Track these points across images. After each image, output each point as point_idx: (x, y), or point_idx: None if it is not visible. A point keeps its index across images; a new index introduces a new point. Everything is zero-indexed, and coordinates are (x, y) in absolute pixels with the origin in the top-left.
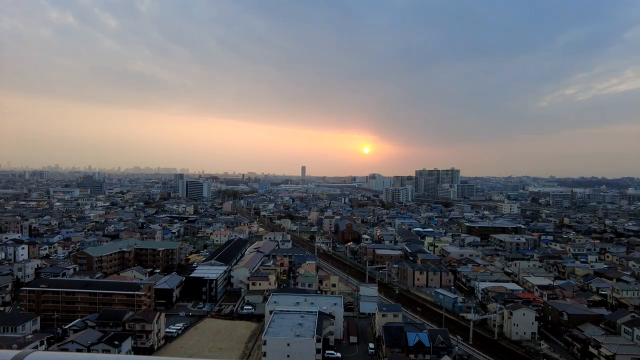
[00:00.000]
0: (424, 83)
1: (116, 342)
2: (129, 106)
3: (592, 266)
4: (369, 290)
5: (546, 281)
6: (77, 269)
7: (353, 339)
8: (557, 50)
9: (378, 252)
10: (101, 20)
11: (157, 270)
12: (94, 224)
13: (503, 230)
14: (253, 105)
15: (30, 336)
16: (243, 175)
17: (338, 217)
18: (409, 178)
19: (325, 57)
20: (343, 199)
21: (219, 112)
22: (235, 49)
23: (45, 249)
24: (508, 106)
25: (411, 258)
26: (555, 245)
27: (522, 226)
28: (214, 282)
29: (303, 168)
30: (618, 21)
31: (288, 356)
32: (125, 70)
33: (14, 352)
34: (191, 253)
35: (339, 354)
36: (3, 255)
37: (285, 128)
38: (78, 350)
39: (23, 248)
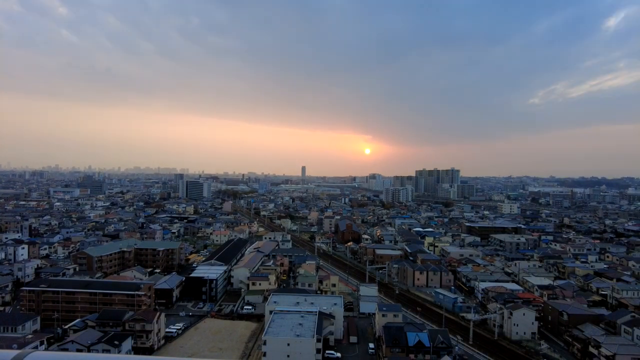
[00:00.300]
0: (407, 76)
1: (116, 342)
2: (122, 106)
3: (592, 266)
4: (369, 290)
5: (546, 281)
6: (77, 269)
7: (353, 339)
8: (538, 40)
9: (378, 252)
10: (50, 8)
11: (157, 270)
12: (94, 224)
13: (503, 230)
14: (251, 106)
15: (30, 336)
16: (243, 175)
17: (338, 217)
18: (409, 178)
19: (296, 49)
20: (343, 199)
21: (219, 112)
22: (198, 41)
23: (45, 249)
24: (499, 103)
25: (411, 258)
26: (555, 245)
27: (522, 226)
28: (214, 282)
29: (303, 168)
30: (596, 8)
31: (288, 356)
32: (95, 66)
33: (14, 352)
34: (191, 253)
35: (339, 354)
36: (3, 255)
37: (286, 128)
38: (78, 350)
39: (23, 248)
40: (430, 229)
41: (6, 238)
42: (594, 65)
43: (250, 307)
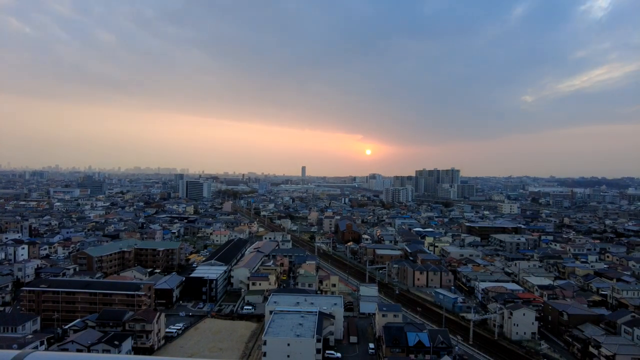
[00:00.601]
0: (386, 70)
1: (116, 342)
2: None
3: (592, 266)
4: (369, 290)
5: (546, 281)
6: (77, 269)
7: (353, 339)
8: (515, 29)
9: (378, 252)
10: None
11: (157, 270)
12: (94, 224)
13: (503, 230)
14: (251, 106)
15: (30, 336)
16: (243, 175)
17: (338, 217)
18: (409, 178)
19: (261, 40)
20: (343, 199)
21: (218, 112)
22: (156, 32)
23: (45, 249)
24: (489, 99)
25: (411, 258)
26: (555, 245)
27: (522, 226)
28: (214, 282)
29: (303, 168)
30: None
31: (288, 356)
32: (65, 61)
33: (14, 352)
34: (191, 253)
35: (339, 354)
36: (3, 255)
37: (286, 128)
38: (78, 350)
39: (23, 248)
40: (430, 229)
41: (6, 238)
42: (583, 59)
43: (250, 307)
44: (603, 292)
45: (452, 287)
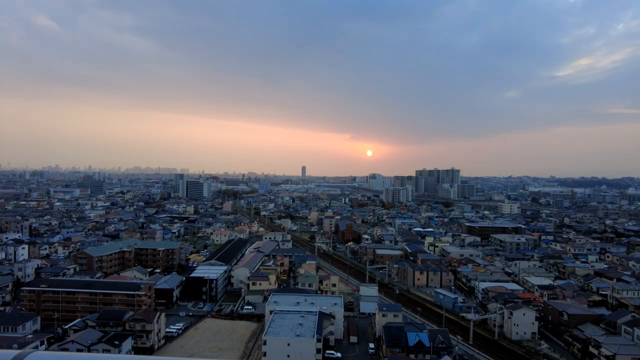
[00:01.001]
0: (356, 59)
1: (116, 342)
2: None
3: (592, 266)
4: (369, 290)
5: (546, 281)
6: (77, 269)
7: (353, 339)
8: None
9: (378, 252)
10: None
11: (158, 270)
12: (94, 224)
13: (503, 230)
14: (252, 106)
15: (30, 336)
16: (243, 175)
17: (338, 217)
18: (409, 178)
19: (209, 27)
20: (343, 199)
21: (219, 113)
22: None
23: (45, 249)
24: (475, 95)
25: (411, 258)
26: (555, 245)
27: (522, 226)
28: (214, 282)
29: (303, 168)
30: None
31: (288, 356)
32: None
33: (14, 352)
34: (191, 253)
35: (339, 354)
36: (3, 255)
37: (286, 128)
38: (78, 350)
39: (23, 248)
40: (430, 229)
41: (6, 238)
42: (568, 44)
43: (250, 307)
44: (603, 292)
45: (452, 287)
